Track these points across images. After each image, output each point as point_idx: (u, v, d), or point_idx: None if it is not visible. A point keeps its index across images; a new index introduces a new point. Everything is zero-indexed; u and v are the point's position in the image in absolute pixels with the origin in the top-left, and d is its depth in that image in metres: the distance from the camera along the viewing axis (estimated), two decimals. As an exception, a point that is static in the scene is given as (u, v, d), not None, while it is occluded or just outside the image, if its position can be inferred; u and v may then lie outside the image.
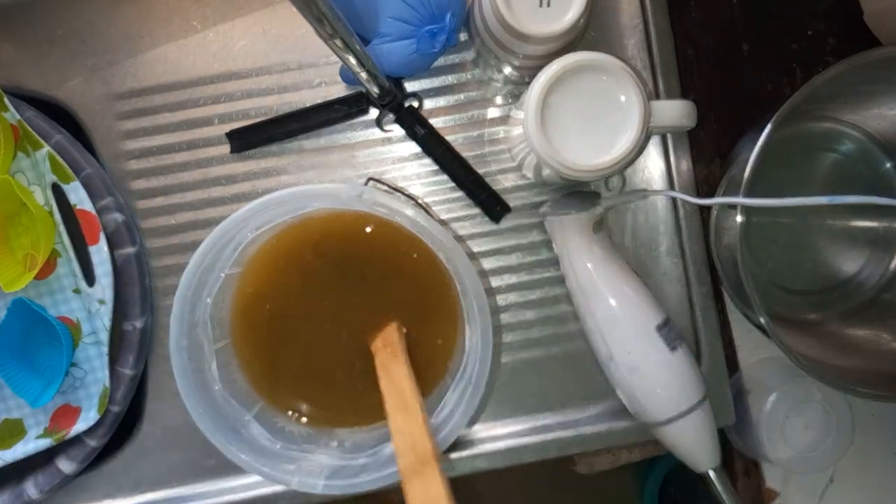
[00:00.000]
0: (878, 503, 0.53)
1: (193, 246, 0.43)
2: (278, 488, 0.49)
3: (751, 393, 0.51)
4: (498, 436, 0.50)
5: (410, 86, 0.50)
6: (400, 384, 0.40)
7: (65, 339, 0.46)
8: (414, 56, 0.44)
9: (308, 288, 0.44)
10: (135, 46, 0.50)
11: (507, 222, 0.51)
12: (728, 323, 0.52)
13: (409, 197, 0.51)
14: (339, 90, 0.50)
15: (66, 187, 0.46)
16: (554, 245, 0.49)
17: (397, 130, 0.50)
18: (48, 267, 0.48)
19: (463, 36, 0.49)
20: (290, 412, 0.46)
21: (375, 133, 0.51)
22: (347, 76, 0.49)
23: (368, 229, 0.43)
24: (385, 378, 0.41)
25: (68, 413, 0.47)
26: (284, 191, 0.39)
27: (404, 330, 0.44)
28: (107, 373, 0.46)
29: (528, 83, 0.42)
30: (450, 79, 0.50)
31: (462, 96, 0.51)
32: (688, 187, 0.50)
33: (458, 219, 0.51)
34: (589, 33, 0.50)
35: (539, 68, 0.40)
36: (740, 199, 0.41)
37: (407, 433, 0.38)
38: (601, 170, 0.41)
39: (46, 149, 0.46)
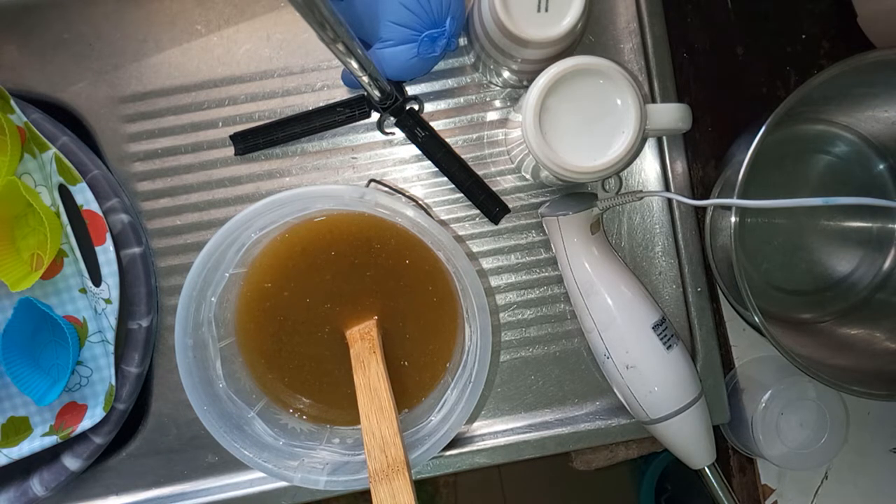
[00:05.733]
0: (873, 500, 0.53)
1: (198, 246, 0.43)
2: (281, 484, 0.50)
3: (745, 391, 0.51)
4: (497, 432, 0.51)
5: (411, 89, 0.51)
6: (377, 385, 0.40)
7: (71, 338, 0.46)
8: (414, 60, 0.45)
9: (311, 288, 0.44)
10: (140, 50, 0.51)
11: (506, 223, 0.52)
12: (723, 322, 0.52)
13: (410, 198, 0.51)
14: (341, 93, 0.51)
15: (72, 188, 0.46)
16: (552, 245, 0.50)
17: (398, 133, 0.51)
18: (55, 267, 0.49)
19: (462, 40, 0.50)
20: (292, 409, 0.46)
21: (377, 136, 0.51)
22: (349, 80, 0.50)
23: (370, 230, 0.44)
24: (361, 373, 0.41)
25: (74, 411, 0.48)
26: (288, 192, 0.40)
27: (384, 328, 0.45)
28: (112, 371, 0.47)
29: (527, 87, 0.42)
30: (450, 82, 0.51)
31: (462, 100, 0.51)
32: (683, 189, 0.51)
33: (457, 219, 0.52)
34: (586, 38, 0.51)
35: (537, 72, 0.41)
36: (735, 201, 0.42)
37: (379, 435, 0.38)
38: (598, 172, 0.41)
39: (53, 150, 0.46)
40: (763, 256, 0.52)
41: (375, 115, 0.51)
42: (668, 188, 0.51)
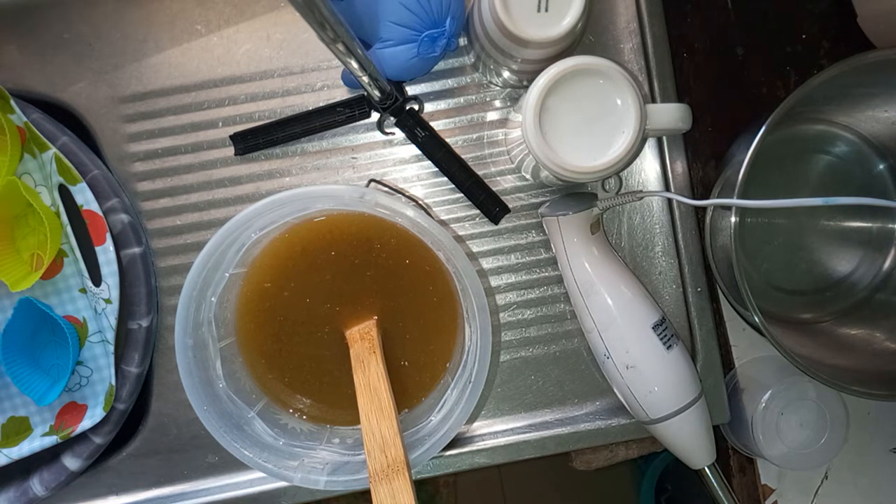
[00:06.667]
0: (873, 500, 0.53)
1: (198, 246, 0.43)
2: (281, 484, 0.50)
3: (745, 391, 0.51)
4: (497, 432, 0.51)
5: (411, 89, 0.51)
6: (376, 385, 0.40)
7: (71, 338, 0.46)
8: (414, 60, 0.45)
9: (311, 288, 0.44)
10: (140, 50, 0.51)
11: (505, 223, 0.52)
12: (723, 322, 0.52)
13: (410, 198, 0.51)
14: (341, 93, 0.51)
15: (72, 188, 0.46)
16: (552, 245, 0.50)
17: (398, 133, 0.51)
18: (55, 267, 0.49)
19: (462, 40, 0.50)
20: (292, 409, 0.46)
21: (377, 136, 0.51)
22: (349, 80, 0.50)
23: (370, 230, 0.44)
24: (360, 373, 0.41)
25: (74, 411, 0.48)
26: (287, 192, 0.40)
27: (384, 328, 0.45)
28: (112, 371, 0.47)
29: (527, 87, 0.42)
30: (450, 82, 0.51)
31: (462, 100, 0.51)
32: (683, 189, 0.51)
33: (457, 219, 0.52)
34: (586, 38, 0.51)
35: (537, 72, 0.41)
36: (735, 201, 0.42)
37: (379, 435, 0.38)
38: (598, 172, 0.41)
39: (53, 150, 0.46)
40: (763, 256, 0.52)
41: (375, 115, 0.51)
42: (668, 188, 0.51)
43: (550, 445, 0.50)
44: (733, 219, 0.43)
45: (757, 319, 0.43)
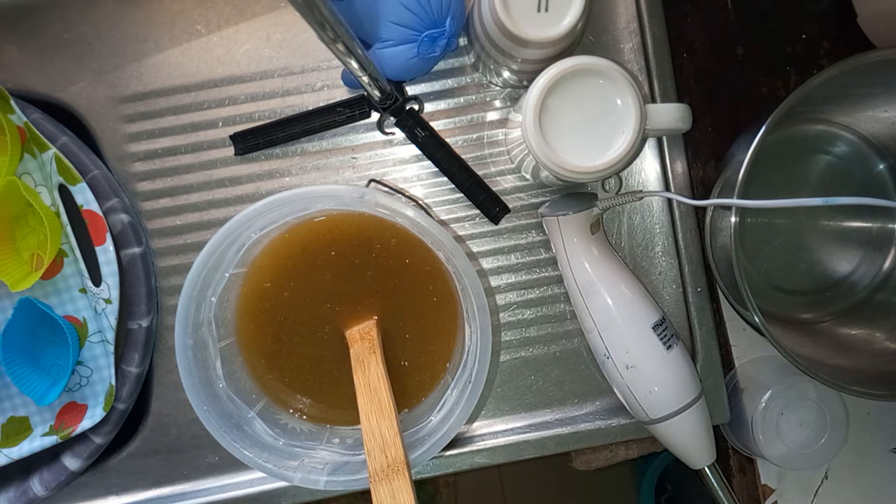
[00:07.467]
0: (873, 500, 0.53)
1: (198, 246, 0.43)
2: (281, 484, 0.50)
3: (745, 391, 0.51)
4: (497, 432, 0.51)
5: (411, 89, 0.51)
6: (376, 385, 0.40)
7: (71, 338, 0.46)
8: (414, 60, 0.45)
9: (311, 288, 0.44)
10: (140, 50, 0.51)
11: (505, 223, 0.52)
12: (723, 322, 0.52)
13: (410, 198, 0.51)
14: (341, 93, 0.51)
15: (72, 188, 0.46)
16: (552, 245, 0.50)
17: (398, 133, 0.51)
18: (55, 267, 0.49)
19: (462, 41, 0.50)
20: (292, 409, 0.46)
21: (377, 136, 0.51)
22: (349, 80, 0.50)
23: (370, 230, 0.44)
24: (360, 373, 0.41)
25: (74, 411, 0.48)
26: (288, 192, 0.40)
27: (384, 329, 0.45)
28: (112, 371, 0.47)
29: (527, 87, 0.42)
30: (450, 82, 0.51)
31: (462, 100, 0.51)
32: (683, 189, 0.51)
33: (457, 219, 0.52)
34: (586, 38, 0.51)
35: (537, 72, 0.41)
36: (735, 201, 0.42)
37: (379, 435, 0.38)
38: (598, 172, 0.41)
39: (53, 150, 0.46)
40: (763, 256, 0.52)
41: (375, 115, 0.51)
42: (668, 188, 0.51)
43: (550, 445, 0.50)
44: (733, 219, 0.42)
45: (757, 319, 0.43)
